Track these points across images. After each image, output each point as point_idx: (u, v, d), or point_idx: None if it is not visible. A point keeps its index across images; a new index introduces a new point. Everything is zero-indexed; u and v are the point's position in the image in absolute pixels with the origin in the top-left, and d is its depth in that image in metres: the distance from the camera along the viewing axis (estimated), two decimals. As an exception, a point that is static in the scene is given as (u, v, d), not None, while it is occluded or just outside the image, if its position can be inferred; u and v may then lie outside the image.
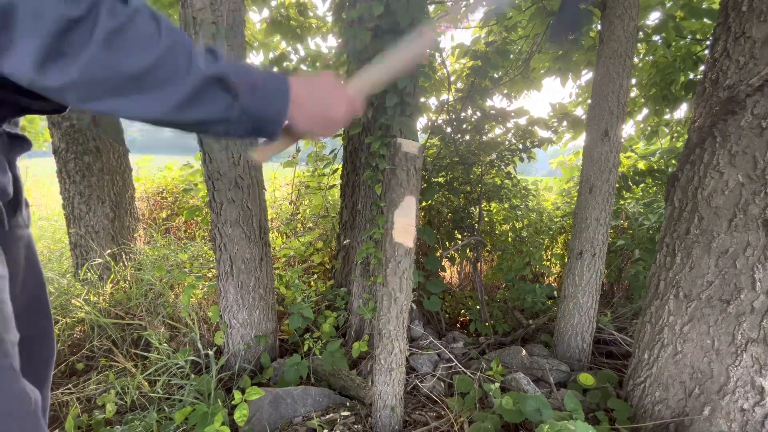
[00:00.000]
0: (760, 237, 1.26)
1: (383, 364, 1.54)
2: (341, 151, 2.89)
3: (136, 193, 3.77)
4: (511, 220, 3.67)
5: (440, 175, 3.06)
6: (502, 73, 3.35)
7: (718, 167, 1.35)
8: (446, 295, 3.12)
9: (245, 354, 2.06)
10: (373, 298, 2.24)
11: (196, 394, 1.73)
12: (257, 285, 2.04)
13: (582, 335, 2.15)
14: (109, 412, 1.66)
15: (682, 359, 1.47)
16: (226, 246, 1.95)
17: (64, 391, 1.81)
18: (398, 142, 1.40)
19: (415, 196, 1.40)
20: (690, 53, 2.92)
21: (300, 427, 1.61)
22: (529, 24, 3.00)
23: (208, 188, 1.90)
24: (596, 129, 2.01)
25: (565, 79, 3.17)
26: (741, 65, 1.29)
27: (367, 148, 2.23)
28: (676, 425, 1.47)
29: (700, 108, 1.44)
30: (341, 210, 2.90)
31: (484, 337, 2.55)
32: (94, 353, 2.08)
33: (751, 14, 1.27)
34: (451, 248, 2.80)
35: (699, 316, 1.42)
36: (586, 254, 2.09)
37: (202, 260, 2.92)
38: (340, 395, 1.86)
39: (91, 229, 2.75)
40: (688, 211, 1.46)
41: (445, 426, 1.61)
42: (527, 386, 1.81)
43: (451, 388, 1.92)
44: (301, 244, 3.35)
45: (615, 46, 1.93)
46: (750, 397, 1.32)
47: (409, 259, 1.45)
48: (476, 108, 3.00)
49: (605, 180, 2.02)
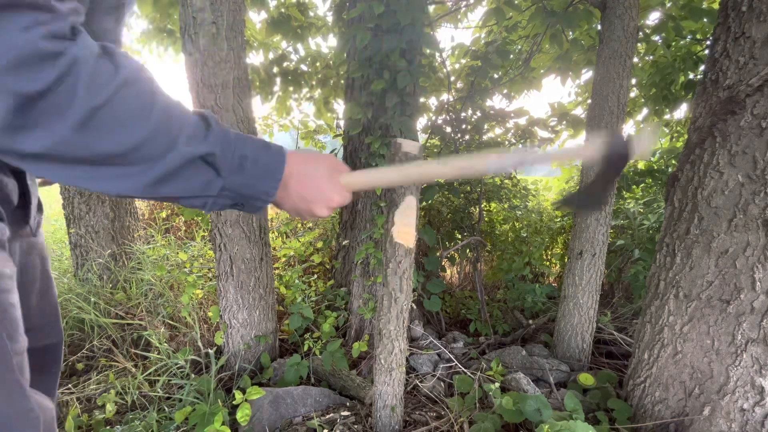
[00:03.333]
0: (760, 237, 1.26)
1: (383, 364, 1.54)
2: (341, 151, 2.89)
3: (136, 193, 3.76)
4: (511, 220, 3.67)
5: (440, 175, 3.06)
6: (502, 73, 3.34)
7: (718, 167, 1.35)
8: (446, 295, 3.12)
9: (245, 354, 2.06)
10: (373, 298, 2.24)
11: (196, 394, 1.73)
12: (257, 285, 2.04)
13: (582, 335, 2.15)
14: (109, 412, 1.66)
15: (682, 359, 1.47)
16: (226, 246, 1.95)
17: (64, 391, 1.81)
18: (398, 142, 1.40)
19: (415, 196, 1.40)
20: (690, 53, 2.92)
21: (300, 427, 1.61)
22: (529, 24, 3.00)
23: (208, 188, 1.90)
24: (596, 129, 2.01)
25: (565, 79, 3.17)
26: (741, 65, 1.29)
27: (367, 148, 2.23)
28: (676, 425, 1.47)
29: (700, 108, 1.44)
30: (341, 210, 2.90)
31: (484, 337, 2.55)
32: (94, 353, 2.08)
33: (750, 14, 1.27)
34: (451, 248, 2.80)
35: (699, 316, 1.42)
36: (586, 254, 2.09)
37: (202, 260, 2.92)
38: (340, 395, 1.86)
39: (91, 229, 2.74)
40: (688, 211, 1.46)
41: (445, 426, 1.61)
42: (527, 386, 1.81)
43: (451, 388, 1.92)
44: (301, 244, 3.35)
45: (615, 46, 1.93)
46: (750, 397, 1.32)
47: (409, 259, 1.45)
48: (476, 108, 3.00)
49: (605, 180, 2.01)
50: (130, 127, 0.46)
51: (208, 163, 0.53)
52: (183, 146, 0.50)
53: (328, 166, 0.66)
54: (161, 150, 0.49)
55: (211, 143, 0.53)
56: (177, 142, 0.50)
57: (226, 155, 0.54)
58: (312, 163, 0.64)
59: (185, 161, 0.51)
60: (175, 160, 0.50)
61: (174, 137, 0.49)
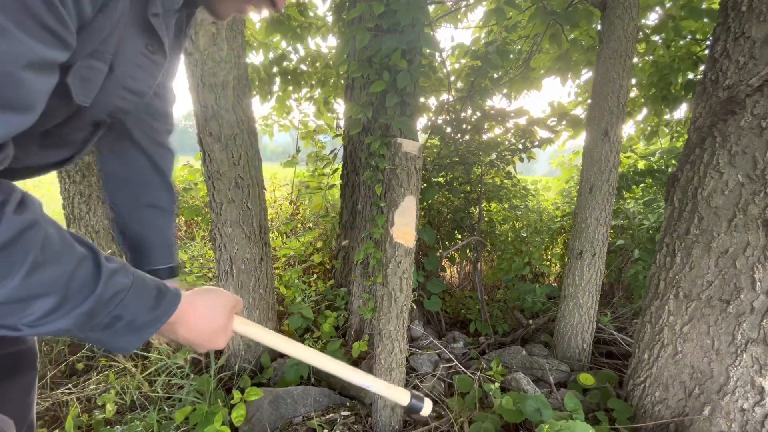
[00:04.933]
0: (760, 237, 1.26)
1: (383, 364, 1.54)
2: (341, 151, 2.89)
3: (136, 193, 3.76)
4: (511, 220, 3.67)
5: (440, 175, 3.06)
6: (502, 73, 3.35)
7: (718, 167, 1.35)
8: (446, 295, 3.12)
9: (245, 354, 2.06)
10: (373, 298, 2.24)
11: (196, 394, 1.73)
12: (257, 285, 2.04)
13: (582, 335, 2.15)
14: (109, 412, 1.66)
15: (682, 359, 1.47)
16: (226, 246, 1.95)
17: (64, 391, 1.81)
18: (398, 142, 1.40)
19: (415, 196, 1.40)
20: (689, 53, 2.92)
21: (300, 427, 1.61)
22: (529, 24, 3.00)
23: (208, 188, 1.90)
24: (596, 129, 2.01)
25: (564, 79, 3.17)
26: (741, 65, 1.29)
27: (367, 148, 2.23)
28: (676, 425, 1.47)
29: (700, 108, 1.44)
30: (341, 210, 2.90)
31: (484, 337, 2.55)
32: (94, 353, 2.08)
33: (750, 14, 1.27)
34: (451, 248, 2.80)
35: (699, 316, 1.42)
36: (586, 254, 2.09)
37: (202, 260, 2.92)
38: (340, 395, 1.86)
39: (92, 228, 2.74)
40: (688, 211, 1.46)
41: (445, 426, 1.61)
42: (527, 386, 1.81)
43: (451, 388, 1.92)
44: (301, 244, 3.35)
45: (615, 46, 1.93)
46: (750, 397, 1.32)
47: (409, 259, 1.45)
48: (476, 108, 3.00)
49: (605, 180, 2.02)
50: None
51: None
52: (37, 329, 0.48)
53: (224, 301, 0.69)
54: (17, 326, 0.47)
55: (74, 317, 0.49)
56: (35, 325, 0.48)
57: (93, 317, 0.51)
58: (203, 303, 0.66)
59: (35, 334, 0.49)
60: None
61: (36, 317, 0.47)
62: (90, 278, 0.49)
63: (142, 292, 0.55)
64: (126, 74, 0.62)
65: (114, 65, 0.58)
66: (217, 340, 0.67)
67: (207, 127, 1.79)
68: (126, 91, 0.64)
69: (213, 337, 0.66)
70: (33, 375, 0.85)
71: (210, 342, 0.66)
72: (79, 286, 0.48)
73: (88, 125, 0.68)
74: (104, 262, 0.51)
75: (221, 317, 0.67)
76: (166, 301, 0.58)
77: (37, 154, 0.66)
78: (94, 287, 0.49)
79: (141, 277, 0.56)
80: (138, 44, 0.60)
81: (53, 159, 0.70)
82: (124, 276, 0.53)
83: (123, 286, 0.53)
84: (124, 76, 0.62)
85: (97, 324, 0.51)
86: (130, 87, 0.63)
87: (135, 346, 0.56)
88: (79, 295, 0.48)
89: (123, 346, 0.55)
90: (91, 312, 0.50)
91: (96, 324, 0.51)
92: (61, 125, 0.62)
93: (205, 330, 0.65)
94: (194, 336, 0.64)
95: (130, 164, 0.90)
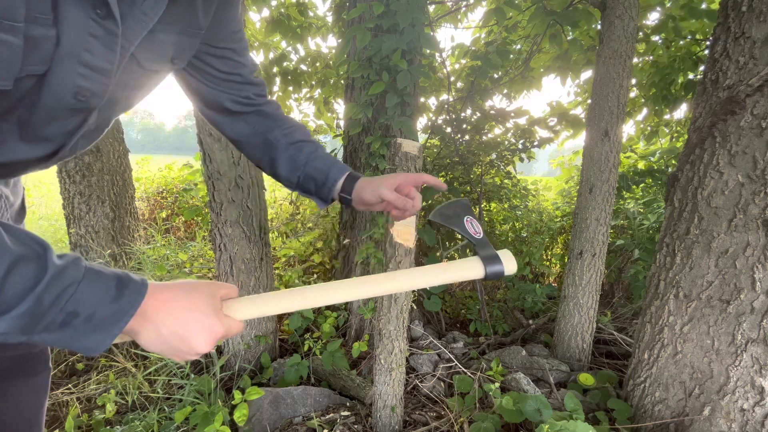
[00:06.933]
0: (760, 237, 1.26)
1: (383, 364, 1.54)
2: (341, 151, 2.89)
3: (136, 193, 3.77)
4: (511, 220, 3.67)
5: (440, 175, 3.06)
6: (502, 73, 3.35)
7: (717, 167, 1.35)
8: (446, 295, 3.12)
9: (245, 354, 2.06)
10: (373, 298, 2.24)
11: (196, 394, 1.73)
12: (257, 285, 2.04)
13: (582, 335, 2.15)
14: (109, 412, 1.66)
15: (682, 359, 1.47)
16: (226, 246, 1.95)
17: (64, 391, 1.81)
18: (398, 142, 1.40)
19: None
20: (689, 53, 2.92)
21: (300, 427, 1.61)
22: (529, 24, 2.99)
23: (208, 188, 1.90)
24: (596, 129, 2.01)
25: (564, 79, 3.17)
26: (741, 65, 1.29)
27: (367, 148, 2.24)
28: (676, 425, 1.47)
29: (700, 108, 1.44)
30: (341, 210, 2.90)
31: (484, 337, 2.55)
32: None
33: (750, 14, 1.27)
34: (451, 248, 2.80)
35: (699, 316, 1.42)
36: (586, 254, 2.09)
37: (202, 260, 2.92)
38: (340, 395, 1.86)
39: (91, 229, 2.75)
40: (688, 211, 1.46)
41: (445, 426, 1.61)
42: (527, 386, 1.81)
43: (451, 388, 1.92)
44: (301, 244, 3.35)
45: (615, 46, 1.93)
46: (750, 397, 1.32)
47: (409, 259, 1.45)
48: (476, 108, 3.00)
49: (605, 180, 2.02)
50: None
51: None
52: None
53: (206, 292, 0.59)
54: None
55: (11, 319, 0.45)
56: None
57: (40, 318, 0.47)
58: (181, 293, 0.57)
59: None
60: None
61: None
62: (30, 278, 0.46)
63: (96, 283, 0.50)
64: (79, 46, 0.52)
65: (60, 35, 0.50)
66: (198, 339, 0.56)
67: (207, 127, 1.79)
68: (85, 68, 0.55)
69: (192, 335, 0.56)
70: (46, 375, 0.84)
71: (190, 340, 0.56)
72: (14, 288, 0.45)
73: (64, 114, 0.60)
74: (52, 259, 0.48)
75: (202, 311, 0.57)
76: (130, 291, 0.52)
77: (19, 148, 0.61)
78: (34, 286, 0.46)
79: (96, 268, 0.52)
80: (86, 6, 0.51)
81: (36, 154, 0.64)
82: (75, 269, 0.49)
83: (72, 280, 0.49)
84: (77, 49, 0.52)
85: (50, 323, 0.48)
86: (87, 62, 0.54)
87: (104, 345, 0.51)
88: (14, 298, 0.45)
89: (89, 347, 0.51)
90: (32, 312, 0.46)
91: (48, 323, 0.48)
92: (27, 115, 0.56)
93: (192, 314, 0.56)
94: (179, 328, 0.55)
95: (255, 128, 0.90)
